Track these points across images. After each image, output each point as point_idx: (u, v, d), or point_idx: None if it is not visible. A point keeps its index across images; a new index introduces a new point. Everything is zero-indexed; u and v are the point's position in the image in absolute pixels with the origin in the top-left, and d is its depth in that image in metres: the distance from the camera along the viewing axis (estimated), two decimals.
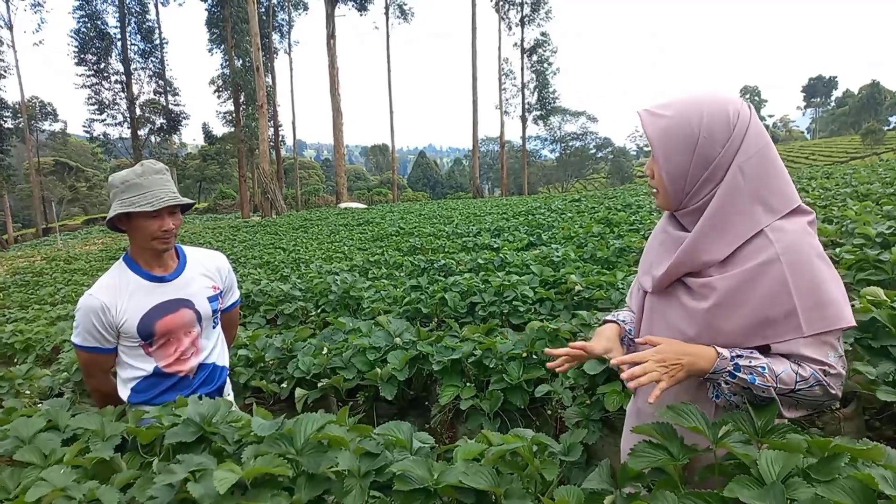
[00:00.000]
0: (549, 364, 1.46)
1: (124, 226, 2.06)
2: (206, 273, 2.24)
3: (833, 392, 1.22)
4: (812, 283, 1.17)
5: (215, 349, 2.27)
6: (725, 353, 1.21)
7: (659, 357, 1.21)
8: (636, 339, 1.35)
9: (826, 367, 1.20)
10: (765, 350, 1.25)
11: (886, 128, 68.03)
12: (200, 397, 2.15)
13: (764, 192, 1.22)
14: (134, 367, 2.11)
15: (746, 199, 1.22)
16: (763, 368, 1.19)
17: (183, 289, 2.15)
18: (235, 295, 2.46)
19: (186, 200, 2.07)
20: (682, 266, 1.29)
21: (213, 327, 2.27)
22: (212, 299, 2.21)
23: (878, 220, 4.77)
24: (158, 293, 2.10)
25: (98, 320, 2.02)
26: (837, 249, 3.78)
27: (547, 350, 1.45)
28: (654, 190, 1.35)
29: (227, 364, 2.36)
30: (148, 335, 2.06)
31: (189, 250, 2.26)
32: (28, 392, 3.81)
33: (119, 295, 2.05)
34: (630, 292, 1.61)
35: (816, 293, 1.17)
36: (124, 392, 2.13)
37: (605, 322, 1.54)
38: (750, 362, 1.20)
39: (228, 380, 2.42)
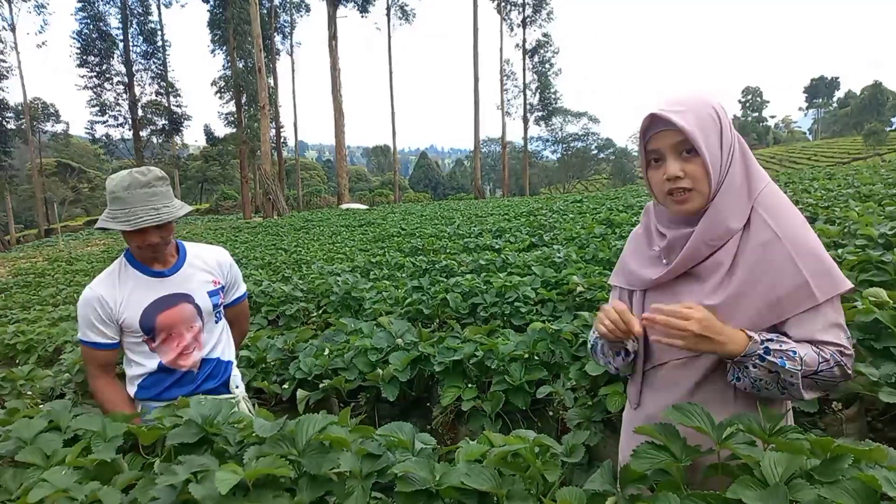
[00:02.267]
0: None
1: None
2: (206, 268, 2.25)
3: (849, 372, 1.27)
4: (812, 252, 1.26)
5: (219, 344, 2.28)
6: (756, 336, 1.24)
7: (700, 326, 1.21)
8: (681, 307, 1.23)
9: (842, 349, 1.25)
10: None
11: (889, 128, 67.84)
12: (216, 392, 2.21)
13: (749, 163, 1.33)
14: (139, 364, 2.13)
15: (744, 171, 1.32)
16: (793, 353, 1.22)
17: (182, 284, 2.16)
18: (241, 289, 2.46)
19: (168, 219, 2.00)
20: (707, 237, 1.30)
21: (216, 322, 2.27)
22: (212, 294, 2.22)
23: (880, 221, 4.76)
24: (158, 288, 2.11)
25: (95, 313, 2.04)
26: (840, 250, 3.77)
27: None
28: (685, 193, 1.30)
29: (232, 359, 2.36)
30: (150, 329, 2.08)
31: (189, 246, 2.27)
32: (30, 393, 3.82)
33: (118, 289, 2.07)
34: (612, 299, 1.60)
35: (818, 261, 1.25)
36: (131, 389, 2.15)
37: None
38: (780, 346, 1.22)
39: (239, 374, 2.42)
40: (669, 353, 1.39)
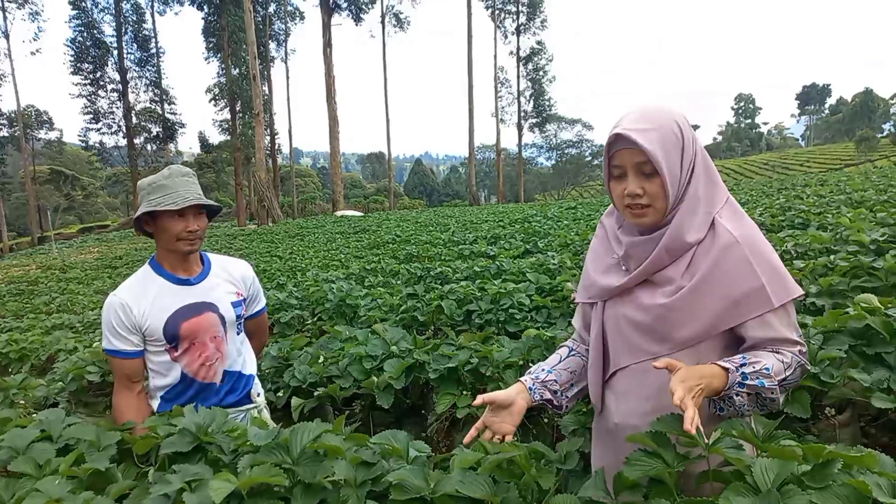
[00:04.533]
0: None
1: (150, 227, 2.09)
2: (229, 279, 2.25)
3: (808, 369, 1.34)
4: (768, 260, 1.30)
5: (241, 357, 2.26)
6: (731, 366, 1.24)
7: (686, 385, 1.18)
8: (656, 365, 1.25)
9: (800, 347, 1.31)
10: (733, 343, 1.34)
11: (880, 135, 68.42)
12: (239, 404, 2.22)
13: (711, 177, 1.37)
14: (162, 375, 2.12)
15: (706, 182, 1.36)
16: (768, 369, 1.23)
17: (207, 292, 2.15)
18: (262, 302, 2.46)
19: (211, 202, 2.10)
20: (669, 249, 1.33)
21: (238, 334, 2.26)
22: (235, 304, 2.22)
23: (871, 227, 4.79)
24: (183, 295, 2.11)
25: (118, 319, 2.03)
26: (832, 256, 3.80)
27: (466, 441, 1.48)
28: (642, 208, 1.33)
29: (253, 373, 2.35)
30: (173, 337, 2.06)
31: (213, 257, 2.28)
32: (22, 402, 3.79)
33: (142, 296, 2.06)
34: (577, 314, 1.65)
35: (774, 268, 1.30)
36: (154, 403, 2.14)
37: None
38: (754, 367, 1.24)
39: (259, 383, 2.41)
40: (629, 356, 1.41)
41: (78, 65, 39.75)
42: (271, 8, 48.18)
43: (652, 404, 1.35)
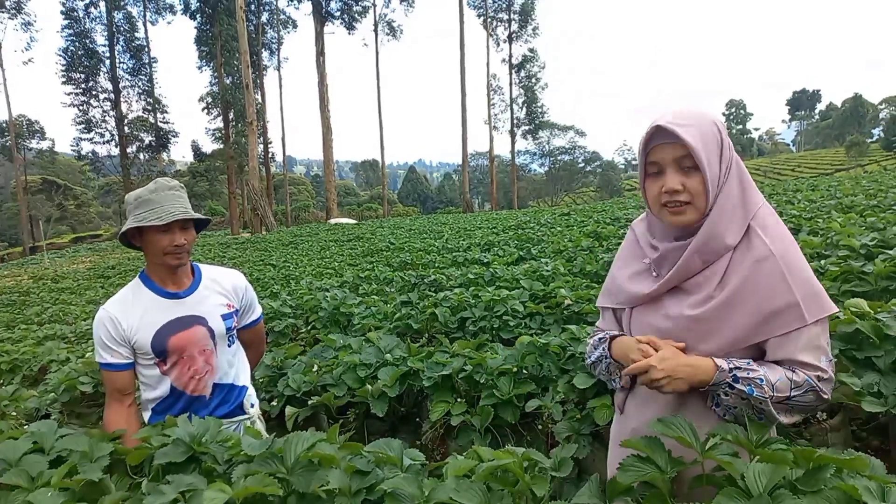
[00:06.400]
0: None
1: (138, 242, 2.08)
2: (220, 291, 2.24)
3: (825, 397, 1.28)
4: (803, 274, 1.27)
5: (232, 369, 2.26)
6: (724, 365, 1.25)
7: (663, 365, 1.27)
8: (639, 338, 1.35)
9: (819, 373, 1.26)
10: (759, 357, 1.30)
11: (870, 140, 69.02)
12: (232, 415, 2.21)
13: (745, 181, 1.34)
14: (152, 388, 2.12)
15: (740, 189, 1.33)
16: (761, 380, 1.23)
17: (196, 306, 2.14)
18: (257, 312, 2.45)
19: (197, 215, 2.08)
20: (701, 252, 1.31)
21: (229, 346, 2.25)
22: (226, 317, 2.20)
23: (861, 233, 4.83)
24: (172, 310, 2.10)
25: (106, 333, 2.03)
26: (822, 261, 3.83)
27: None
28: (681, 206, 1.31)
29: (247, 383, 2.34)
30: (161, 352, 2.06)
31: (205, 268, 2.27)
32: (14, 414, 3.77)
33: (131, 310, 2.06)
34: (603, 319, 1.62)
35: (809, 283, 1.27)
36: (146, 414, 2.14)
37: (614, 336, 1.49)
38: (748, 374, 1.24)
39: (254, 392, 2.40)
40: None
41: (70, 74, 39.64)
42: (264, 17, 48.30)
43: (671, 414, 1.34)
